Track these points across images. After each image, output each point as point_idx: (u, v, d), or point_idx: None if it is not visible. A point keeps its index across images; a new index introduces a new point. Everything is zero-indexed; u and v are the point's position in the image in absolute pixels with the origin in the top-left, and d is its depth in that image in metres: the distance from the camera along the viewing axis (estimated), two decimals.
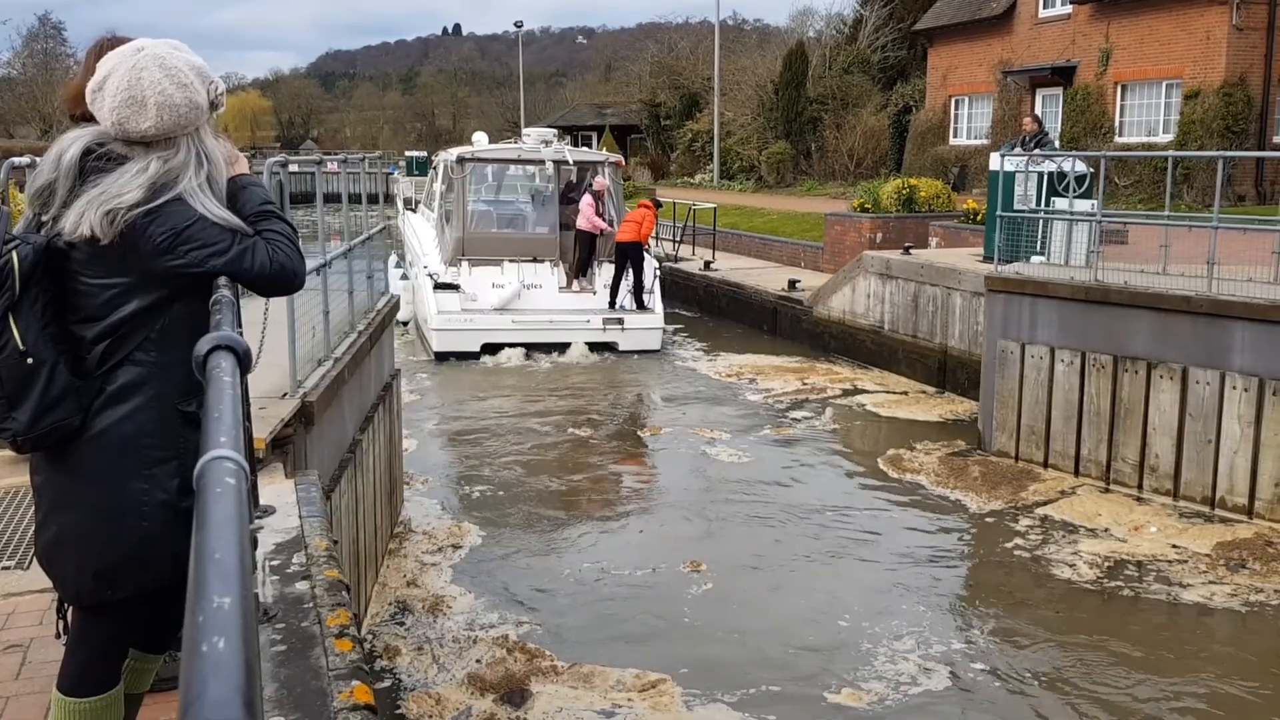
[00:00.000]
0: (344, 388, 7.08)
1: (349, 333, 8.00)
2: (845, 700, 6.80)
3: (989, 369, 11.96)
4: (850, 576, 8.87)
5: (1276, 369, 9.51)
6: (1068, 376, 11.03)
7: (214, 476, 1.13)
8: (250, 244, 2.68)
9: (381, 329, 9.28)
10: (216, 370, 1.58)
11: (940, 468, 11.37)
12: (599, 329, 17.45)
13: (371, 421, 8.43)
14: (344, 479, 6.99)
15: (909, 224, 19.46)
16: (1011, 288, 11.72)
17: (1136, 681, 7.07)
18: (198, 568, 0.92)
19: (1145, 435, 10.42)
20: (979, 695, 6.89)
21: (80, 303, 2.64)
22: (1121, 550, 9.13)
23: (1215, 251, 10.03)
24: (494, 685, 6.70)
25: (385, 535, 9.01)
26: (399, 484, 10.06)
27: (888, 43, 38.39)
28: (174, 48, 2.68)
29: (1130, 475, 10.55)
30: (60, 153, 2.60)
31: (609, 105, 59.14)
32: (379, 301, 9.76)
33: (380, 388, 9.25)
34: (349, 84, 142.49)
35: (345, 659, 3.06)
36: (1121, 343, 10.61)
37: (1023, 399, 11.51)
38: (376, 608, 7.96)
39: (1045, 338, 11.31)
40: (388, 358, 10.03)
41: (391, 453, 9.55)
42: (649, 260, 18.35)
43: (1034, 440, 11.39)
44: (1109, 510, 10.08)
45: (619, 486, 11.44)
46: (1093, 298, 10.85)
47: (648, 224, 17.93)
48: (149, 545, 2.61)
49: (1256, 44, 22.92)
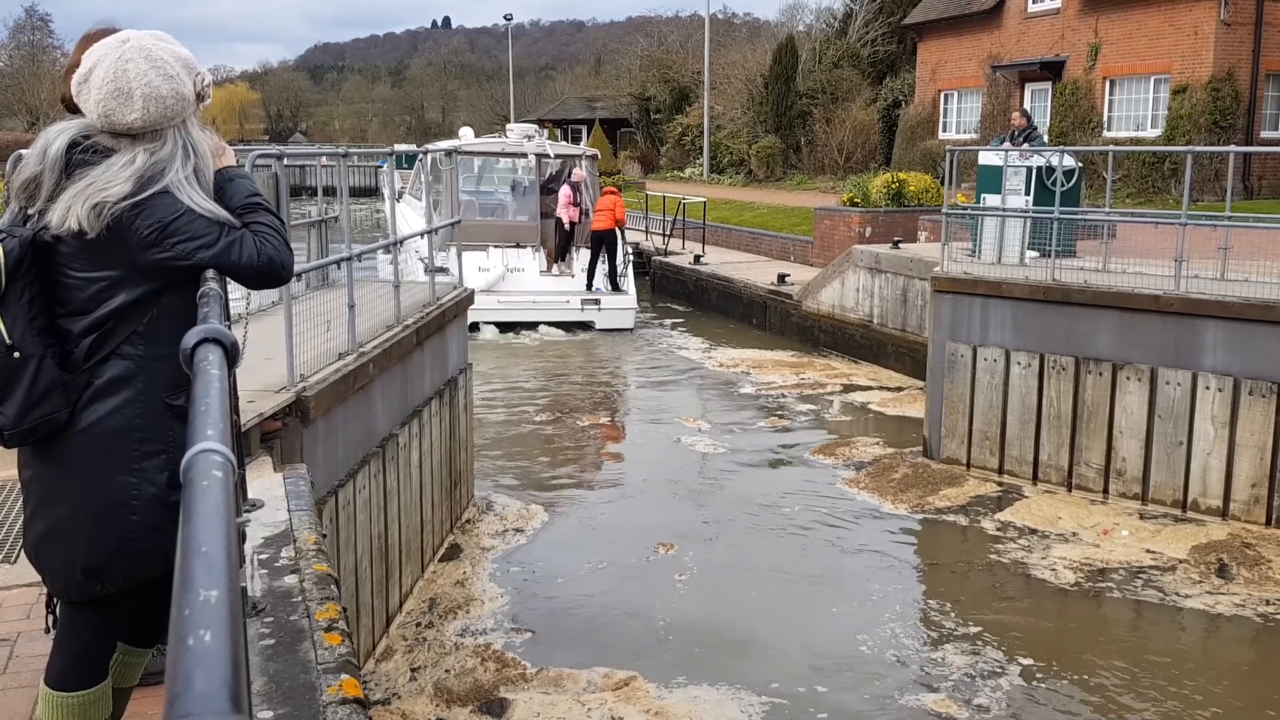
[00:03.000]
0: (372, 382, 6.99)
1: (392, 326, 7.83)
2: (814, 684, 6.89)
3: (936, 373, 11.45)
4: (812, 572, 8.92)
5: (1252, 368, 9.34)
6: (1025, 379, 10.65)
7: (201, 470, 1.12)
8: (238, 236, 2.67)
9: (440, 323, 9.02)
10: (204, 363, 1.58)
11: (910, 473, 11.04)
12: (577, 309, 19.04)
13: (419, 416, 8.27)
14: (366, 474, 6.89)
15: (898, 218, 19.48)
16: (961, 288, 11.19)
17: (1131, 686, 7.11)
18: (184, 561, 0.91)
19: (1111, 438, 10.13)
20: (950, 692, 6.92)
21: (67, 296, 2.63)
22: (1096, 556, 8.94)
23: (1184, 248, 9.80)
24: (462, 697, 6.58)
25: (437, 530, 8.89)
26: (464, 479, 9.87)
27: (877, 37, 38.38)
28: (160, 39, 2.66)
29: (1095, 480, 10.26)
30: (46, 145, 2.58)
31: (599, 99, 58.97)
32: (445, 295, 9.55)
33: (440, 381, 9.08)
34: (338, 77, 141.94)
35: (334, 652, 3.05)
36: (1083, 344, 10.27)
37: (974, 404, 11.04)
38: (412, 604, 7.95)
39: (999, 340, 10.86)
40: (454, 352, 9.78)
41: (453, 447, 9.37)
42: (622, 246, 19.74)
43: (988, 446, 10.96)
44: (1070, 514, 9.85)
45: (597, 475, 11.50)
46: (1051, 298, 10.46)
47: (620, 210, 19.31)
48: (138, 539, 2.60)
49: (1244, 39, 22.98)
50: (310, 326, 6.31)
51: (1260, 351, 9.31)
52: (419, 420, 8.29)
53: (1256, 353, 9.33)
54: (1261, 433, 9.29)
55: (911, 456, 11.59)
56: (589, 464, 11.91)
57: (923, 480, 10.81)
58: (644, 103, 51.64)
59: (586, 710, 6.43)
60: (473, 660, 7.03)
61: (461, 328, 10.20)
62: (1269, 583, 8.33)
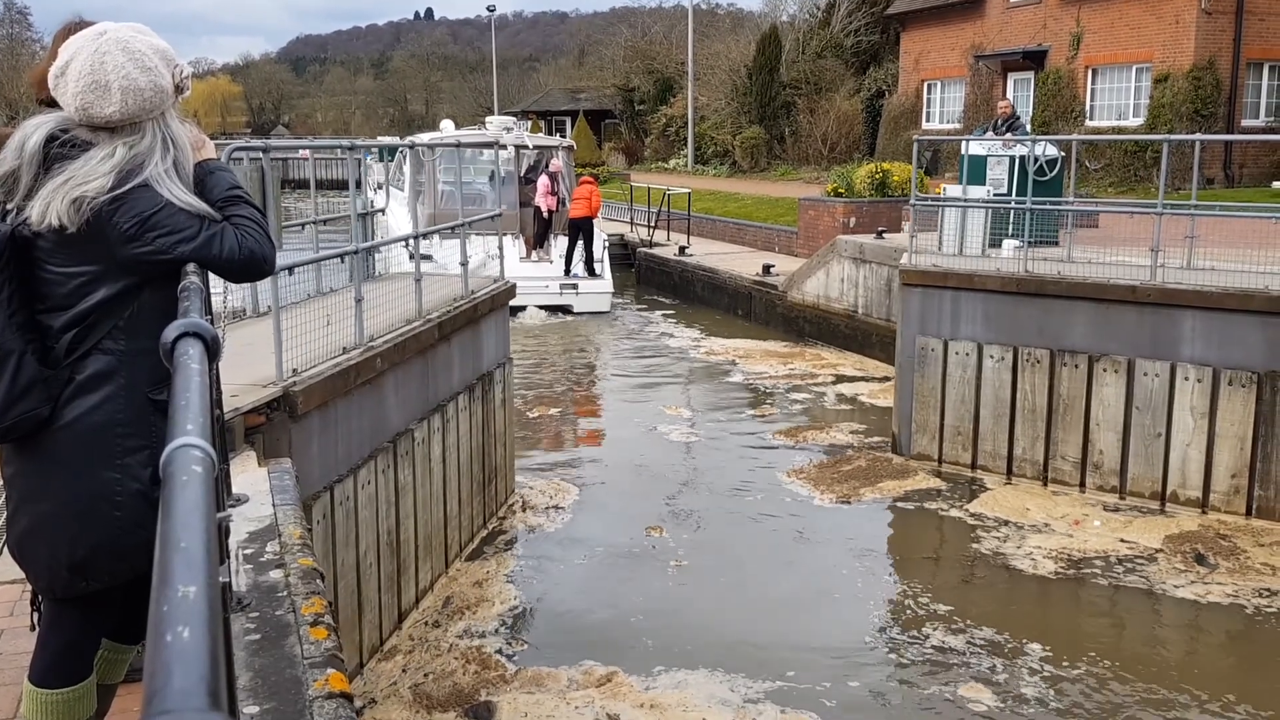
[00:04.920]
0: (382, 376, 6.94)
1: (412, 320, 7.75)
2: (789, 670, 6.94)
3: (905, 369, 11.15)
4: (781, 559, 8.95)
5: (1231, 358, 9.31)
6: (998, 373, 10.48)
7: (180, 464, 1.12)
8: (219, 230, 2.66)
9: (471, 316, 8.88)
10: (184, 357, 1.57)
11: (886, 466, 10.98)
12: (556, 293, 19.74)
13: (443, 411, 8.19)
14: (372, 469, 6.84)
15: (882, 208, 19.51)
16: (930, 281, 10.89)
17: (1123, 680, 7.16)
18: (163, 556, 0.91)
19: (1088, 431, 10.02)
20: (927, 688, 6.96)
21: (47, 291, 2.61)
22: (1071, 546, 8.90)
23: (1160, 238, 9.76)
24: (441, 702, 6.46)
25: (466, 525, 8.80)
26: (501, 474, 9.74)
27: (860, 27, 38.41)
28: (137, 31, 2.64)
29: (1071, 473, 10.16)
30: (24, 140, 2.56)
31: (583, 90, 58.83)
32: (481, 288, 9.37)
33: (471, 376, 8.97)
34: (320, 69, 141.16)
35: (320, 647, 3.04)
36: (1058, 336, 10.14)
37: (946, 399, 10.83)
38: (431, 601, 7.87)
39: (970, 333, 10.64)
40: (489, 346, 9.60)
41: (486, 442, 9.26)
42: (599, 233, 20.57)
43: (960, 441, 10.77)
44: (1038, 505, 9.78)
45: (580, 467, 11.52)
46: (1025, 289, 10.29)
47: (596, 199, 20.10)
48: (122, 535, 2.59)
49: (1225, 27, 23.09)
50: (333, 319, 6.41)
51: (1240, 341, 9.29)
52: (442, 415, 8.16)
53: (1236, 342, 9.31)
54: (1241, 423, 9.27)
55: (882, 450, 11.53)
56: (597, 454, 11.89)
57: (884, 473, 10.77)
58: (628, 94, 51.58)
59: (574, 709, 6.40)
60: (456, 663, 6.92)
61: (500, 321, 9.94)
62: (1250, 571, 8.39)
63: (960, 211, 11.60)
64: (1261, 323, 9.20)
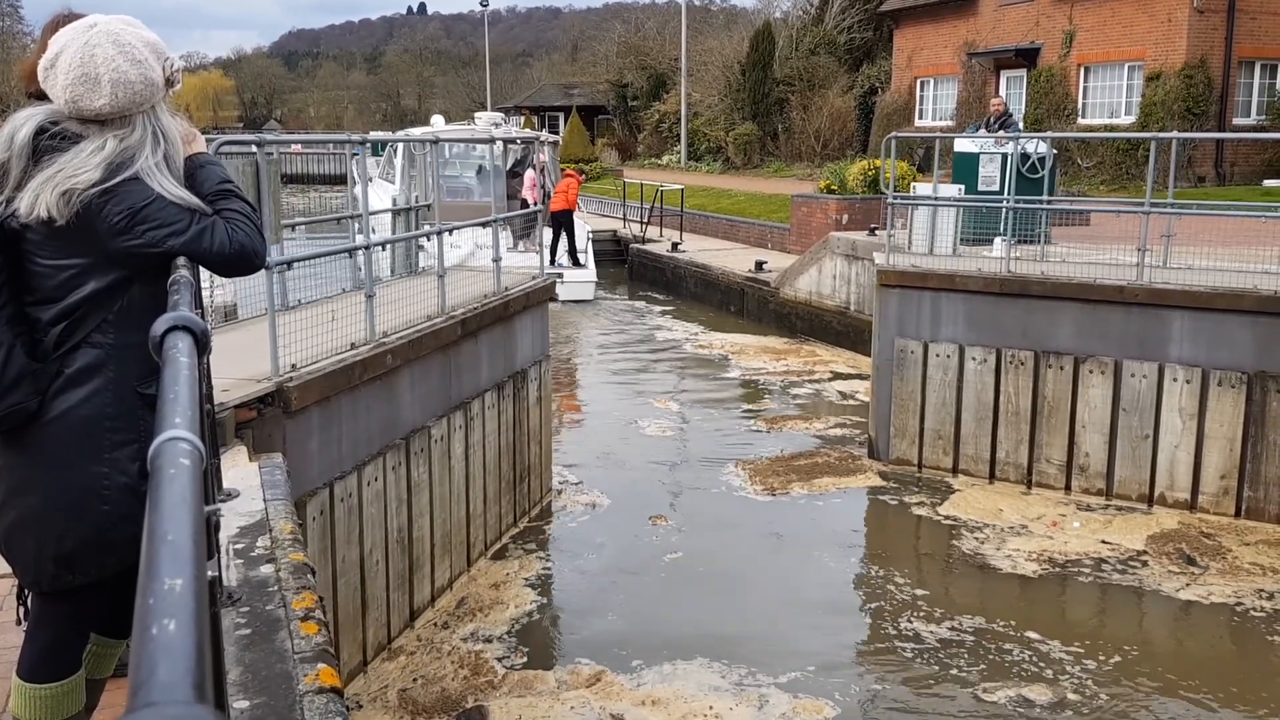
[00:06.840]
0: (395, 372, 6.90)
1: (433, 316, 7.66)
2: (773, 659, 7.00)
3: (883, 372, 10.91)
4: (764, 564, 8.97)
5: (1220, 358, 9.25)
6: (981, 375, 10.28)
7: (168, 458, 1.11)
8: (209, 223, 2.65)
9: (502, 313, 8.73)
10: (173, 351, 1.56)
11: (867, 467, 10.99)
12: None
13: (467, 409, 8.10)
14: (379, 465, 6.81)
15: (875, 205, 19.48)
16: (909, 282, 10.67)
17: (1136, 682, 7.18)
18: (149, 550, 0.91)
19: (1073, 434, 9.90)
20: (912, 688, 6.98)
21: (36, 284, 2.60)
22: (1051, 548, 8.83)
23: (1146, 238, 9.66)
24: (427, 708, 6.38)
25: (493, 524, 8.72)
26: (535, 472, 9.61)
27: (854, 24, 38.40)
28: (128, 24, 2.63)
29: (1056, 476, 10.03)
30: (13, 132, 2.55)
31: (576, 85, 58.77)
32: (516, 284, 9.21)
33: (502, 373, 8.86)
34: (313, 63, 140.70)
35: (311, 642, 3.04)
36: (1042, 337, 9.99)
37: (926, 402, 10.61)
38: (447, 601, 7.81)
39: (951, 335, 10.44)
40: (527, 342, 9.44)
41: (518, 440, 9.15)
42: (580, 224, 21.53)
43: (941, 445, 10.57)
44: (1011, 506, 9.72)
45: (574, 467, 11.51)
46: (1008, 290, 10.08)
47: (573, 192, 21.13)
48: (110, 529, 2.59)
49: (1217, 26, 23.14)
50: (346, 316, 6.47)
51: (1229, 341, 9.23)
52: (465, 413, 8.06)
53: (1225, 342, 9.25)
54: (1231, 424, 9.23)
55: (858, 448, 11.46)
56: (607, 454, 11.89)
57: (855, 470, 10.78)
58: (621, 90, 51.52)
59: (570, 709, 6.37)
60: (450, 667, 6.84)
61: (537, 317, 9.76)
62: (1240, 571, 8.40)
63: (931, 210, 11.43)
64: (1251, 322, 9.16)
